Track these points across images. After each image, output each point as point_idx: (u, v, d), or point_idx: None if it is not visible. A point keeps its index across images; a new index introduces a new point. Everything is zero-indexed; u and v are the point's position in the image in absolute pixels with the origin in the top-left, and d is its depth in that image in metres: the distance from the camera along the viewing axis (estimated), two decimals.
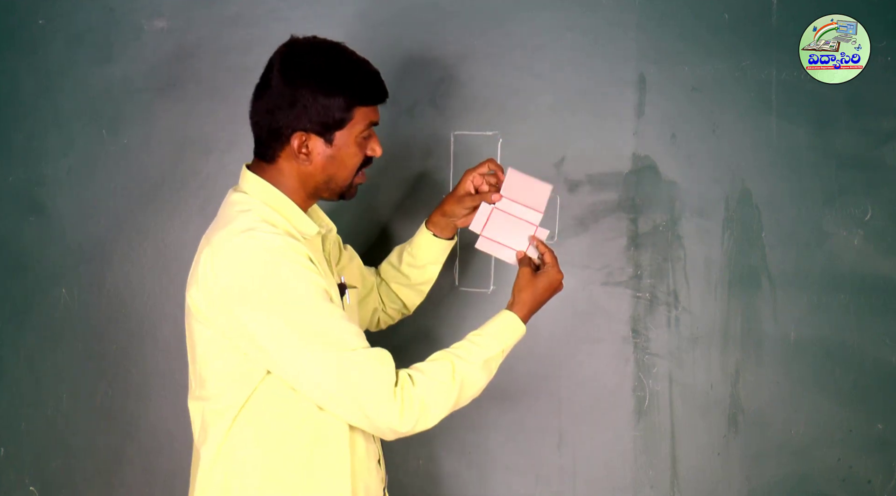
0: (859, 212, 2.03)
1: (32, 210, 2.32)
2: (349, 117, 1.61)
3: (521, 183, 1.82)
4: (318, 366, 1.51)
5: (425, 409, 1.55)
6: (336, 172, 1.65)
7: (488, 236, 1.82)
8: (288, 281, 1.51)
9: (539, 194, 1.82)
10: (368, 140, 1.66)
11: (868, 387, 2.05)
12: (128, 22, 2.25)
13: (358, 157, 1.65)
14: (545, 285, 1.76)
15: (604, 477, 2.17)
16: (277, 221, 1.60)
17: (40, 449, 2.37)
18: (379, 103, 1.66)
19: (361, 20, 2.15)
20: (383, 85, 1.66)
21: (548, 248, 1.80)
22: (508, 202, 1.81)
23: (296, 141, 1.60)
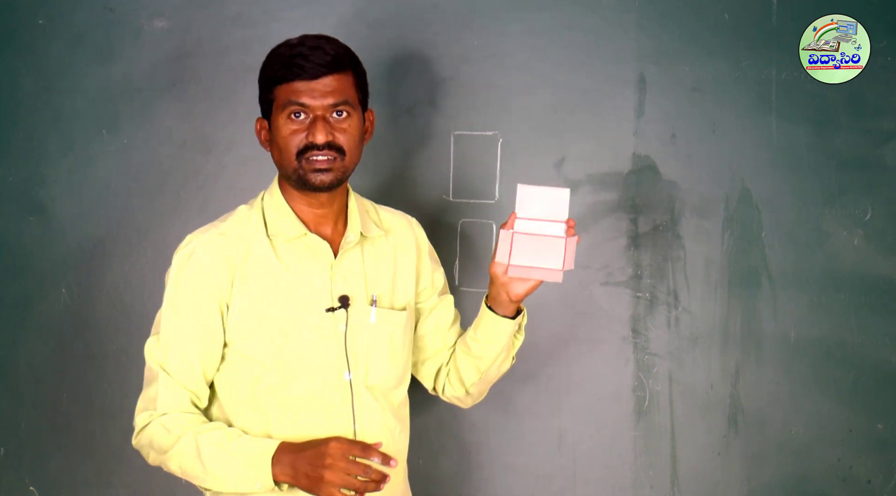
0: (859, 212, 2.03)
1: (32, 210, 2.32)
2: (273, 97, 1.61)
3: (534, 197, 1.66)
4: (146, 351, 1.65)
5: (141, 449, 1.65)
6: (280, 157, 1.63)
7: (518, 264, 1.64)
8: (173, 281, 1.64)
9: (557, 203, 1.66)
10: (304, 123, 1.60)
11: (868, 387, 2.05)
12: (128, 22, 2.25)
13: (288, 139, 1.60)
14: (317, 445, 1.51)
15: (604, 477, 2.17)
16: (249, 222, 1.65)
17: (40, 449, 2.37)
18: (295, 80, 1.58)
19: (361, 20, 2.15)
20: (307, 61, 1.57)
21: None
22: (527, 222, 1.65)
23: (257, 125, 1.67)
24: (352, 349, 1.66)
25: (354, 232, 1.69)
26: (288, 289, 1.62)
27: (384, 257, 1.74)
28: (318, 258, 1.66)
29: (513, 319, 1.70)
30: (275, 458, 1.51)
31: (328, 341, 1.65)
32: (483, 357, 1.74)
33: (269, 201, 1.68)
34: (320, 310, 1.64)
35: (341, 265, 1.67)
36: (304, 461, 1.49)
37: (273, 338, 1.62)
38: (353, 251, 1.69)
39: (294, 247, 1.65)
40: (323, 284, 1.65)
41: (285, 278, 1.63)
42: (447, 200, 2.17)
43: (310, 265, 1.65)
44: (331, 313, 1.64)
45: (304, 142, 1.59)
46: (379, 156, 2.17)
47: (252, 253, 1.64)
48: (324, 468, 1.46)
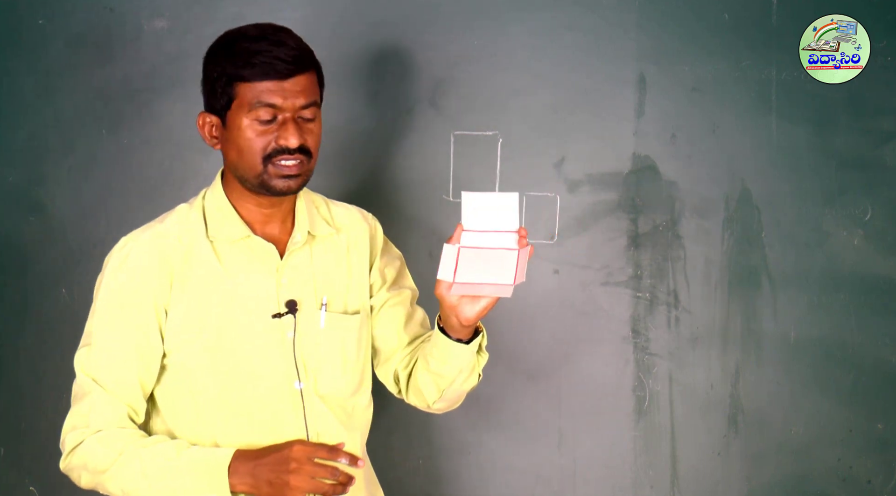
0: (859, 212, 2.03)
1: (32, 210, 2.32)
2: (233, 94, 1.47)
3: (480, 204, 1.46)
4: (75, 362, 1.56)
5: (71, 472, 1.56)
6: (238, 159, 1.49)
7: (464, 281, 1.44)
8: (106, 286, 1.53)
9: (505, 209, 1.45)
10: (272, 125, 1.46)
11: (868, 387, 2.05)
12: (128, 22, 2.25)
13: (253, 141, 1.46)
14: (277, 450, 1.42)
15: (604, 477, 2.16)
16: (188, 223, 1.55)
17: (40, 449, 2.37)
18: (266, 79, 1.45)
19: (361, 20, 2.15)
20: (278, 60, 1.45)
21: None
22: (474, 234, 1.44)
23: (200, 120, 1.55)
24: (301, 356, 1.54)
25: (301, 231, 1.57)
26: (230, 294, 1.51)
27: (335, 257, 1.61)
28: (263, 261, 1.54)
29: (468, 343, 1.52)
30: (231, 468, 1.40)
31: (276, 349, 1.53)
32: (443, 375, 1.57)
33: (210, 200, 1.57)
34: (266, 316, 1.52)
35: (288, 267, 1.55)
36: (265, 468, 1.39)
37: (216, 347, 1.50)
38: (300, 252, 1.57)
39: (237, 249, 1.53)
40: (268, 289, 1.53)
41: (227, 282, 1.52)
42: (447, 200, 2.17)
43: (254, 268, 1.53)
44: (277, 319, 1.52)
45: (272, 145, 1.46)
46: (379, 156, 2.17)
47: (191, 255, 1.52)
48: (288, 473, 1.37)
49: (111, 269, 1.53)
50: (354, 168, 2.16)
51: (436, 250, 2.14)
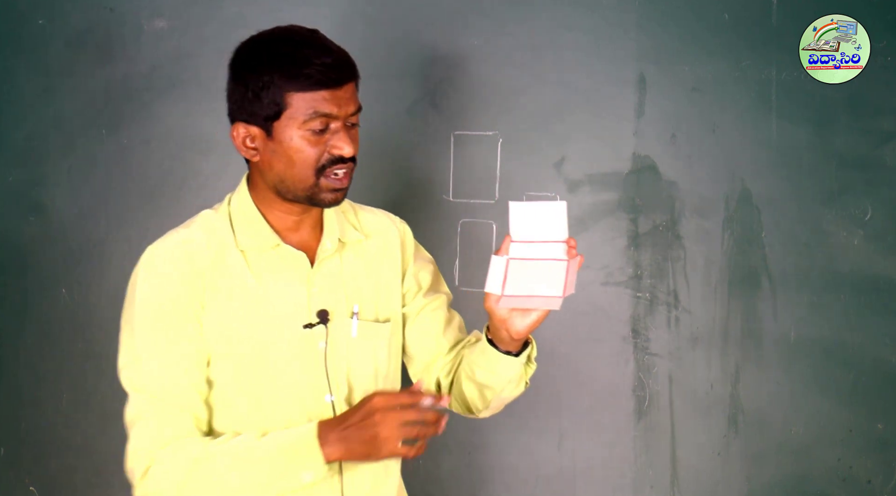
0: (859, 212, 2.03)
1: (32, 210, 2.32)
2: (284, 105, 1.39)
3: (528, 215, 1.44)
4: (124, 385, 1.46)
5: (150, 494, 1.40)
6: (286, 171, 1.42)
7: (513, 293, 1.41)
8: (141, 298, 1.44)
9: (554, 219, 1.43)
10: (325, 135, 1.41)
11: (868, 387, 2.05)
12: (128, 22, 2.25)
13: (307, 152, 1.40)
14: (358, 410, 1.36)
15: (604, 477, 2.17)
16: (216, 231, 1.47)
17: (40, 449, 2.37)
18: (323, 88, 1.39)
19: (361, 20, 2.15)
20: (331, 68, 1.39)
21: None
22: (523, 245, 1.43)
23: (236, 132, 1.44)
24: (332, 368, 1.49)
25: (332, 239, 1.52)
26: (260, 304, 1.45)
27: (365, 264, 1.56)
28: (294, 269, 1.48)
29: (517, 356, 1.48)
30: (320, 439, 1.36)
31: (306, 361, 1.47)
32: (490, 386, 1.52)
33: (237, 207, 1.50)
34: (297, 326, 1.46)
35: (318, 276, 1.49)
36: (353, 429, 1.34)
37: (245, 359, 1.45)
38: (331, 260, 1.51)
39: (267, 257, 1.47)
40: (299, 298, 1.48)
41: (257, 292, 1.45)
42: (447, 200, 2.17)
43: (284, 277, 1.47)
44: (308, 330, 1.47)
45: (326, 155, 1.41)
46: (379, 156, 2.17)
47: (220, 263, 1.45)
48: (376, 426, 1.32)
49: (143, 281, 1.44)
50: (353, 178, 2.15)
51: (436, 251, 2.13)
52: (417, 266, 1.63)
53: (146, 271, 1.45)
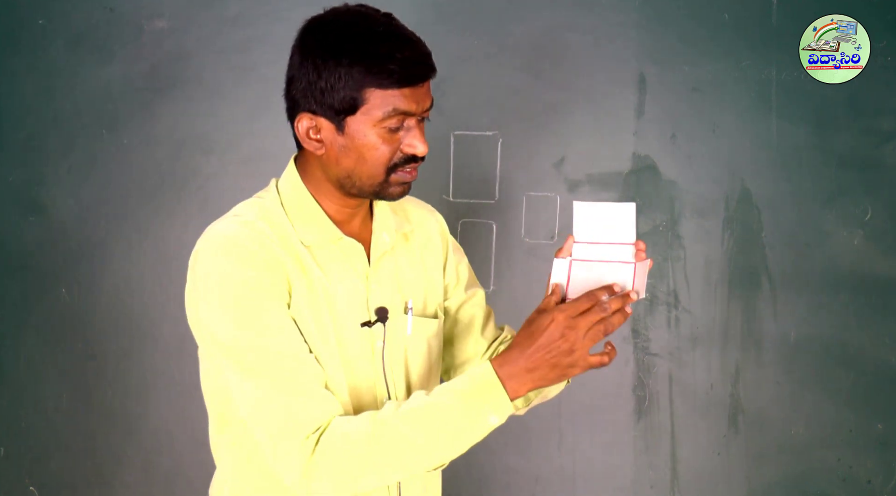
0: (859, 212, 2.03)
1: (32, 210, 2.32)
2: (361, 100, 1.30)
3: (594, 215, 1.37)
4: (248, 383, 1.31)
5: (321, 477, 1.29)
6: (355, 167, 1.34)
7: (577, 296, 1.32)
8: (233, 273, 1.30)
9: (622, 221, 1.36)
10: (399, 132, 1.32)
11: (868, 387, 2.05)
12: (128, 22, 2.25)
13: (381, 151, 1.32)
14: (533, 336, 1.27)
15: (604, 477, 2.17)
16: (276, 223, 1.37)
17: (40, 449, 2.37)
18: (405, 86, 1.30)
19: None
20: (415, 64, 1.31)
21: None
22: (587, 247, 1.36)
23: (300, 123, 1.34)
24: (390, 368, 1.42)
25: (388, 231, 1.45)
26: (324, 300, 1.36)
27: (412, 257, 1.50)
28: (352, 264, 1.40)
29: None
30: (502, 378, 1.27)
31: (363, 361, 1.40)
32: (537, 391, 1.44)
33: (292, 198, 1.40)
34: (355, 324, 1.39)
35: (375, 271, 1.42)
36: (538, 358, 1.25)
37: (330, 355, 1.37)
38: (387, 253, 1.45)
39: (327, 252, 1.39)
40: (358, 294, 1.40)
41: (323, 288, 1.37)
42: (447, 200, 2.17)
43: (344, 273, 1.39)
44: (366, 328, 1.40)
45: (399, 154, 1.33)
46: None
47: (290, 256, 1.35)
48: (563, 344, 1.24)
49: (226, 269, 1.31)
50: None
51: None
52: (456, 258, 1.57)
53: (227, 250, 1.31)
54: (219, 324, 1.32)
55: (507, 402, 1.28)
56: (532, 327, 1.27)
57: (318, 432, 1.28)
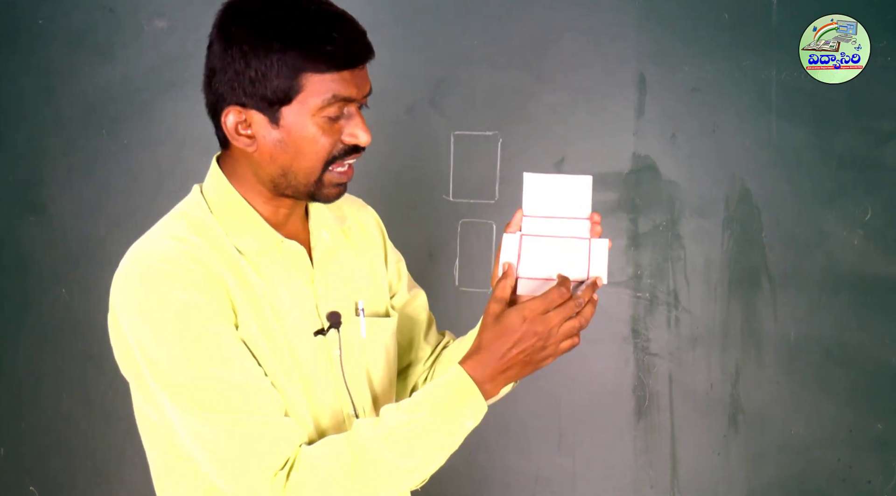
0: (859, 212, 2.03)
1: (32, 210, 2.32)
2: (297, 88, 1.17)
3: (547, 188, 1.29)
4: (196, 421, 1.18)
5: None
6: (291, 164, 1.21)
7: (529, 275, 1.23)
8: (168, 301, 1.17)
9: (577, 194, 1.29)
10: (339, 122, 1.21)
11: (868, 387, 2.05)
12: (128, 22, 2.25)
13: (320, 143, 1.20)
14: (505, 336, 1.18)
15: (604, 477, 2.17)
16: (208, 234, 1.24)
17: (40, 449, 2.37)
18: (344, 69, 1.18)
19: (361, 20, 2.14)
20: (351, 44, 1.19)
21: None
22: (538, 221, 1.27)
23: (227, 118, 1.22)
24: (351, 376, 1.31)
25: (327, 228, 1.33)
26: (272, 311, 1.24)
27: (354, 254, 1.38)
28: (297, 268, 1.28)
29: None
30: (477, 380, 1.19)
31: (322, 375, 1.28)
32: None
33: (220, 202, 1.27)
34: (307, 334, 1.27)
35: (321, 273, 1.30)
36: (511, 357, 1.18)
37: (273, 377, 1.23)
38: (329, 253, 1.33)
39: (266, 258, 1.26)
40: (307, 301, 1.28)
41: (266, 298, 1.24)
42: (447, 200, 2.17)
43: (289, 279, 1.27)
44: (321, 337, 1.28)
45: (339, 145, 1.21)
46: (379, 156, 2.17)
47: (227, 268, 1.22)
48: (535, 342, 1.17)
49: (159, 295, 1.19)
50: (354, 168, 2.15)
51: (436, 251, 2.14)
52: (394, 255, 1.47)
53: (158, 272, 1.20)
54: (155, 356, 1.19)
55: (483, 406, 1.21)
56: (502, 326, 1.18)
57: (286, 468, 1.17)
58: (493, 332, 1.19)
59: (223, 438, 1.17)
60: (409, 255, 1.81)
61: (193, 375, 1.16)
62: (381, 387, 1.37)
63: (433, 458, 1.21)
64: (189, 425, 1.18)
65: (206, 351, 1.17)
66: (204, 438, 1.18)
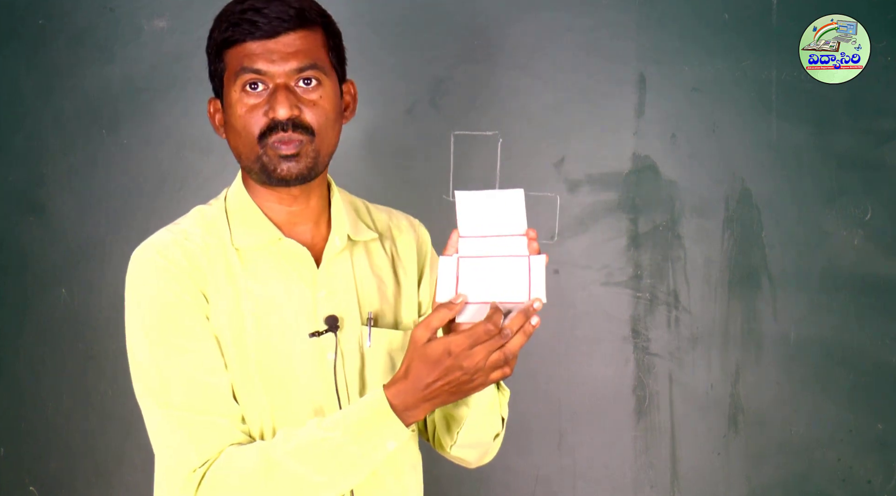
0: (859, 212, 2.03)
1: (32, 210, 2.32)
2: (222, 66, 1.25)
3: (479, 205, 1.24)
4: (151, 408, 1.24)
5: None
6: (236, 143, 1.26)
7: (469, 300, 1.18)
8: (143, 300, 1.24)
9: (510, 209, 1.23)
10: (263, 97, 1.24)
11: (868, 387, 2.05)
12: (128, 22, 2.25)
13: (244, 118, 1.23)
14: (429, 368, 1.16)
15: (604, 477, 2.16)
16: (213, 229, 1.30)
17: (40, 449, 2.37)
18: (251, 39, 1.22)
19: (361, 20, 2.15)
20: (261, 15, 1.22)
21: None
22: (475, 241, 1.23)
23: (209, 109, 1.34)
24: (343, 384, 1.30)
25: (340, 234, 1.33)
26: (262, 309, 1.26)
27: (379, 266, 1.39)
28: (297, 268, 1.30)
29: None
30: (397, 410, 1.18)
31: (313, 375, 1.29)
32: (454, 416, 1.34)
33: (233, 200, 1.33)
34: (302, 335, 1.28)
35: (325, 277, 1.31)
36: (435, 388, 1.17)
37: (248, 372, 1.26)
38: (339, 259, 1.33)
39: (267, 255, 1.29)
40: (304, 302, 1.29)
41: (258, 296, 1.27)
42: (447, 200, 2.17)
43: (287, 278, 1.29)
44: (315, 338, 1.28)
45: (265, 121, 1.23)
46: (379, 156, 2.17)
47: (220, 263, 1.27)
48: (461, 374, 1.15)
49: (142, 283, 1.25)
50: (354, 168, 2.16)
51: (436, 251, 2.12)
52: (434, 275, 1.43)
53: (142, 272, 1.26)
54: (131, 341, 1.25)
55: (403, 430, 1.20)
56: (427, 358, 1.16)
57: (205, 465, 1.20)
58: (418, 362, 1.17)
59: (161, 429, 1.23)
60: None
61: (149, 361, 1.23)
62: None
63: (347, 476, 1.21)
64: (144, 411, 1.26)
65: (167, 339, 1.22)
66: (150, 426, 1.25)
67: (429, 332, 1.17)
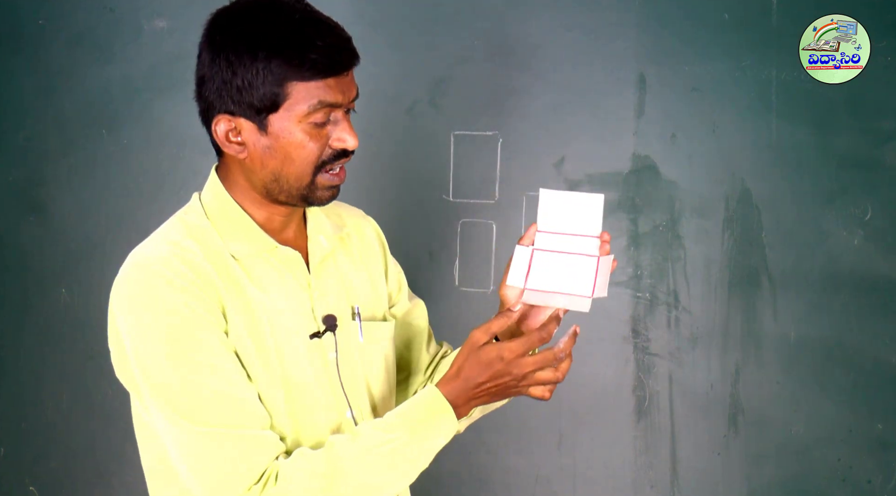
0: (859, 212, 2.03)
1: (32, 210, 2.32)
2: (283, 96, 1.19)
3: (561, 204, 1.33)
4: (178, 428, 1.20)
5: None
6: (281, 169, 1.23)
7: (536, 288, 1.29)
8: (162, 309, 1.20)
9: (589, 212, 1.32)
10: (326, 127, 1.23)
11: (868, 387, 2.05)
12: (128, 22, 2.25)
13: (308, 148, 1.22)
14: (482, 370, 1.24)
15: (604, 477, 2.17)
16: (204, 239, 1.27)
17: (40, 449, 2.37)
18: (329, 76, 1.20)
19: (361, 20, 2.15)
20: (338, 51, 1.21)
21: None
22: (551, 237, 1.33)
23: (217, 126, 1.26)
24: (348, 379, 1.33)
25: (325, 234, 1.36)
26: (265, 315, 1.26)
27: (352, 261, 1.41)
28: (293, 274, 1.30)
29: None
30: (452, 403, 1.24)
31: (318, 375, 1.30)
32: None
33: (217, 209, 1.30)
34: (303, 337, 1.29)
35: (317, 278, 1.33)
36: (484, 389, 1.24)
37: (270, 382, 1.26)
38: (326, 259, 1.36)
39: (263, 263, 1.29)
40: (302, 305, 1.30)
41: (261, 303, 1.26)
42: (447, 200, 2.17)
43: (284, 283, 1.29)
44: (316, 340, 1.30)
45: (328, 151, 1.24)
46: (379, 156, 2.17)
47: (222, 274, 1.25)
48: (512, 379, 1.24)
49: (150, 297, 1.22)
50: (354, 168, 2.15)
51: (436, 251, 2.14)
52: (394, 267, 1.50)
53: (150, 287, 1.22)
54: (145, 359, 1.21)
55: (456, 427, 1.26)
56: (480, 360, 1.23)
57: (261, 481, 1.19)
58: (472, 363, 1.24)
59: (201, 450, 1.19)
60: (409, 256, 1.81)
61: (177, 381, 1.19)
62: (379, 393, 1.40)
63: (406, 476, 1.25)
64: (171, 433, 1.20)
65: (191, 357, 1.19)
66: (184, 448, 1.20)
67: (487, 336, 1.24)
